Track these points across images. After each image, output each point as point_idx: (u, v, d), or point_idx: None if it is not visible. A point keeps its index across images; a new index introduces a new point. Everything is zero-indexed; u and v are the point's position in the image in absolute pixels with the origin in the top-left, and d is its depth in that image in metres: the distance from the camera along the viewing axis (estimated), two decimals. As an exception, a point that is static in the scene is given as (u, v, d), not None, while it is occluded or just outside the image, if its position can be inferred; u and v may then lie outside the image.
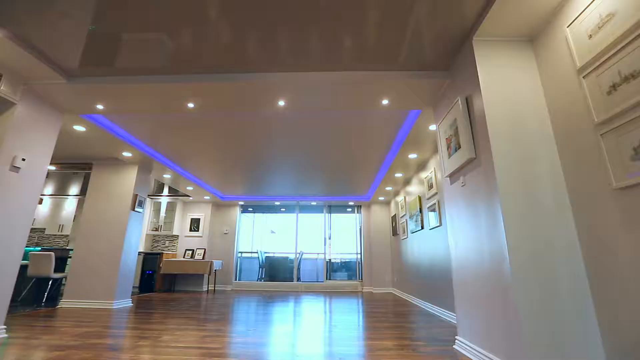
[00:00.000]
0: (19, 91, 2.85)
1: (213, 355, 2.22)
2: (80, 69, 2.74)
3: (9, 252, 2.78)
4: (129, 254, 4.73)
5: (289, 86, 2.81)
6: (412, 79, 2.71)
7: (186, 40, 2.39)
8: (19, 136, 2.86)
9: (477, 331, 2.18)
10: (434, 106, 3.07)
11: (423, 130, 3.70)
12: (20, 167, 2.86)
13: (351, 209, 8.37)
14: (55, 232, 7.11)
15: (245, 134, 4.04)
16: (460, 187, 2.47)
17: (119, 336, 2.73)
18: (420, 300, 4.93)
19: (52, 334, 2.76)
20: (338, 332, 3.00)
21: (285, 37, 2.36)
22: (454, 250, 2.59)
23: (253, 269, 8.37)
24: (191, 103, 3.10)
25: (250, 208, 8.48)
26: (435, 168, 4.26)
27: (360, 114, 3.50)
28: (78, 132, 3.86)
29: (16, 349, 2.30)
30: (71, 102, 3.12)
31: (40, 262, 4.63)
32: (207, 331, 2.97)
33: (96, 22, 2.21)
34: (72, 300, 4.40)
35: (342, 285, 7.58)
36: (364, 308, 4.65)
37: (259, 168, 5.41)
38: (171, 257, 7.31)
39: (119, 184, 4.86)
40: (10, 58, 2.54)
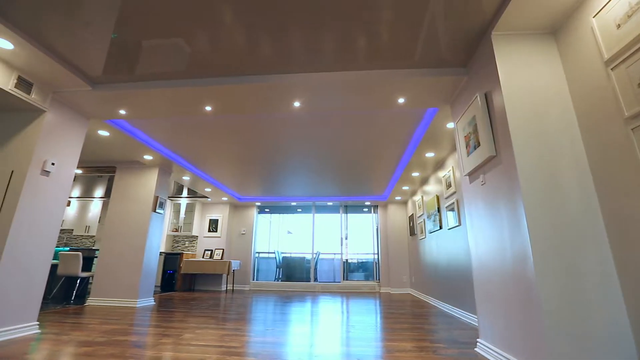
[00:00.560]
0: (48, 99, 2.99)
1: (233, 353, 2.25)
2: (103, 76, 2.85)
3: (40, 251, 2.92)
4: (150, 254, 4.88)
5: (304, 87, 2.82)
6: (428, 77, 2.66)
7: (202, 44, 2.44)
8: (49, 142, 3.00)
9: (500, 334, 2.12)
10: (451, 104, 3.01)
11: (440, 129, 3.63)
12: (50, 171, 3.00)
13: (367, 209, 8.32)
14: (82, 233, 7.43)
15: (261, 136, 4.08)
16: (480, 185, 2.41)
17: (143, 334, 2.82)
18: (439, 302, 4.84)
19: (80, 331, 2.88)
20: (356, 333, 2.98)
21: (298, 39, 2.37)
22: (474, 251, 2.53)
23: (270, 269, 8.45)
24: (208, 106, 3.17)
25: (267, 209, 8.57)
26: (454, 167, 4.17)
27: (375, 113, 3.47)
28: (102, 136, 4.02)
29: (48, 345, 2.42)
30: (96, 108, 3.25)
31: (69, 261, 4.85)
32: (226, 330, 3.02)
33: (117, 30, 2.29)
34: (98, 298, 4.58)
35: (359, 285, 7.54)
36: (381, 309, 4.61)
37: (275, 169, 5.46)
38: (191, 257, 7.49)
39: (141, 186, 5.02)
40: (40, 68, 2.67)
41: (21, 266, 2.75)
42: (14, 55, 2.52)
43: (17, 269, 2.71)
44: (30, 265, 2.83)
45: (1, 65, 2.58)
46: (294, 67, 2.71)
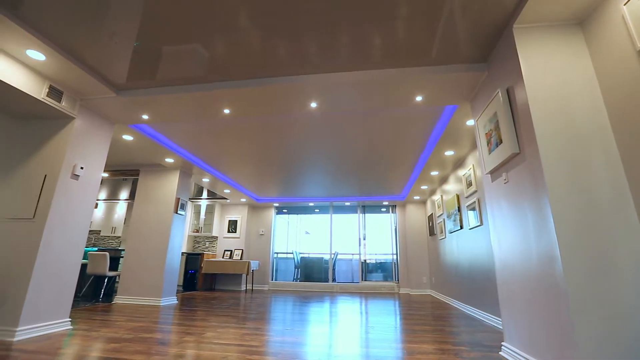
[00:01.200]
0: (76, 106, 3.14)
1: (253, 352, 2.29)
2: (127, 82, 2.96)
3: (72, 251, 3.06)
4: (173, 254, 5.02)
5: (320, 88, 2.83)
6: (446, 74, 2.61)
7: (220, 49, 2.49)
8: (78, 147, 3.15)
9: (526, 338, 2.04)
10: (471, 100, 2.94)
11: (460, 126, 3.55)
12: (79, 175, 3.15)
13: (385, 209, 8.23)
14: (109, 234, 7.74)
15: (278, 137, 4.12)
16: (502, 184, 2.34)
17: (167, 331, 2.91)
18: (460, 303, 4.72)
19: (108, 328, 3.00)
20: (375, 334, 2.96)
21: (313, 40, 2.38)
22: (497, 251, 2.45)
23: (289, 269, 8.51)
24: (227, 109, 3.23)
25: (285, 209, 8.64)
26: (474, 165, 4.06)
27: (392, 112, 3.43)
28: (126, 141, 4.18)
29: (79, 340, 2.53)
30: (120, 113, 3.39)
31: (97, 261, 5.06)
32: (246, 329, 3.07)
33: (140, 38, 2.38)
34: (125, 296, 4.76)
35: (377, 286, 7.47)
36: (401, 310, 4.55)
37: (293, 170, 5.50)
38: (211, 257, 7.65)
39: (163, 188, 5.18)
40: (69, 77, 2.80)
41: (54, 265, 2.89)
42: (45, 66, 2.66)
43: (51, 268, 2.86)
44: (63, 265, 2.97)
45: (34, 76, 2.73)
46: (310, 68, 2.72)
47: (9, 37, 2.33)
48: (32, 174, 2.99)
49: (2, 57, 2.49)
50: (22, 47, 2.43)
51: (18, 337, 2.55)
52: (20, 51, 2.48)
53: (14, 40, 2.35)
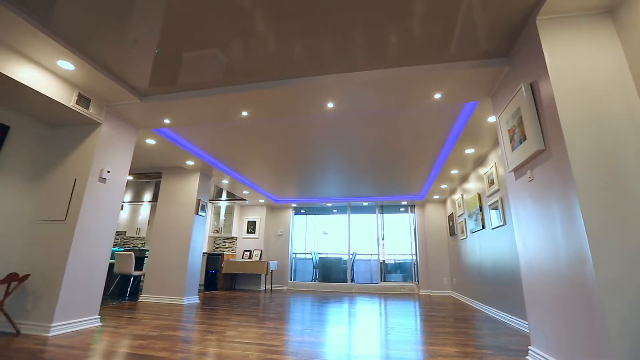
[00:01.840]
0: (103, 113, 3.28)
1: (273, 352, 2.31)
2: (150, 88, 3.06)
3: (100, 251, 3.20)
4: (194, 255, 5.15)
5: (337, 88, 2.83)
6: (466, 70, 2.55)
7: (237, 53, 2.54)
8: (104, 151, 3.28)
9: (555, 342, 1.96)
10: (492, 96, 2.85)
11: (481, 123, 3.45)
12: (106, 178, 3.28)
13: (404, 209, 8.12)
14: (134, 235, 8.03)
15: (296, 137, 4.15)
16: (527, 182, 2.25)
17: (190, 330, 2.98)
18: (483, 305, 4.59)
19: (135, 325, 3.11)
20: (395, 336, 2.92)
21: (329, 40, 2.38)
22: (522, 252, 2.37)
23: (307, 269, 8.54)
24: (245, 111, 3.28)
25: (303, 210, 8.68)
26: (496, 163, 3.94)
27: (410, 111, 3.38)
28: (149, 145, 4.32)
29: (108, 337, 2.64)
30: (144, 118, 3.51)
31: (123, 261, 5.27)
32: (266, 329, 3.11)
33: (160, 45, 2.45)
34: (149, 295, 4.93)
35: (397, 287, 7.38)
36: (421, 311, 4.47)
37: (310, 170, 5.52)
38: (231, 257, 7.79)
39: (184, 190, 5.32)
40: (96, 85, 2.93)
41: (85, 265, 3.03)
42: (74, 75, 2.80)
43: (81, 268, 2.99)
44: (92, 264, 3.11)
45: (64, 85, 2.88)
46: (326, 69, 2.72)
47: (42, 49, 2.46)
48: (63, 178, 3.15)
49: (36, 68, 2.64)
50: (53, 58, 2.56)
51: (53, 332, 2.69)
52: (52, 62, 2.62)
53: (47, 52, 2.49)
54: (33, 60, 2.61)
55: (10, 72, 2.47)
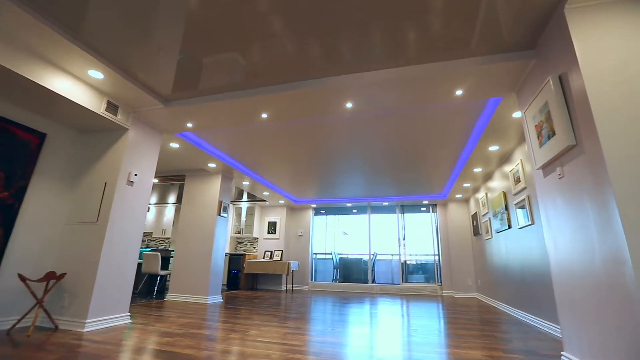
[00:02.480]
0: (130, 118, 3.42)
1: (295, 352, 2.32)
2: (173, 94, 3.16)
3: (129, 251, 3.34)
4: (217, 255, 5.27)
5: (355, 87, 2.81)
6: (488, 64, 2.47)
7: (256, 56, 2.58)
8: (132, 156, 3.42)
9: (590, 348, 1.86)
10: (517, 91, 2.75)
11: (505, 119, 3.33)
12: (133, 182, 3.42)
13: (425, 208, 7.96)
14: (159, 235, 8.32)
15: (315, 138, 4.17)
16: (557, 179, 2.15)
17: (214, 328, 3.06)
18: (510, 308, 4.42)
19: (162, 323, 3.22)
20: (418, 338, 2.87)
21: (346, 40, 2.37)
22: (552, 253, 2.26)
23: (328, 270, 8.55)
24: (264, 113, 3.33)
25: (323, 210, 8.69)
26: (522, 160, 3.79)
27: (431, 108, 3.32)
28: (173, 148, 4.47)
29: (138, 333, 2.75)
30: (167, 123, 3.63)
31: (150, 260, 5.47)
32: (288, 328, 3.13)
33: (182, 51, 2.53)
34: (175, 294, 5.09)
35: (419, 288, 7.24)
36: (445, 313, 4.36)
37: (330, 171, 5.52)
38: (252, 257, 7.92)
39: (207, 192, 5.46)
40: (123, 92, 3.07)
41: (115, 264, 3.17)
42: (103, 83, 2.94)
43: (112, 267, 3.14)
44: (122, 264, 3.25)
45: (94, 93, 3.02)
46: (344, 69, 2.71)
47: (74, 60, 2.60)
48: (94, 182, 3.31)
49: (69, 78, 2.79)
50: (84, 68, 2.70)
51: (87, 328, 2.83)
52: (84, 72, 2.76)
53: (79, 62, 2.63)
54: (66, 71, 2.76)
55: (47, 83, 2.62)
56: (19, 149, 2.95)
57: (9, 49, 2.37)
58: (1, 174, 2.81)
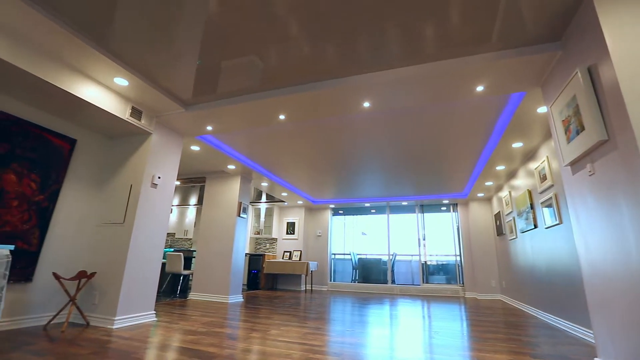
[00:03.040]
0: (153, 123, 3.54)
1: (315, 352, 2.33)
2: (193, 98, 3.25)
3: (154, 251, 3.45)
4: (237, 255, 5.36)
5: (372, 87, 2.79)
6: (511, 58, 2.39)
7: (273, 58, 2.61)
8: (155, 159, 3.54)
9: (626, 354, 1.76)
10: (542, 85, 2.64)
11: (529, 115, 3.21)
12: (157, 184, 3.54)
13: (446, 208, 7.79)
14: (182, 236, 8.55)
15: (332, 138, 4.17)
16: (587, 176, 2.05)
17: (235, 327, 3.11)
18: (537, 310, 4.25)
19: (186, 321, 3.31)
20: (440, 340, 2.81)
21: (362, 39, 2.36)
22: (583, 254, 2.16)
23: (347, 270, 8.52)
24: (282, 115, 3.36)
25: (341, 210, 8.67)
26: (549, 156, 3.64)
27: (450, 105, 3.24)
28: (194, 151, 4.58)
29: (163, 331, 2.84)
30: (188, 126, 3.73)
31: (173, 260, 5.63)
32: (308, 328, 3.14)
33: (201, 56, 2.60)
34: (198, 293, 5.22)
35: (440, 289, 7.09)
36: (468, 315, 4.25)
37: (348, 171, 5.50)
38: (272, 258, 8.00)
39: (226, 193, 5.57)
40: (147, 98, 3.18)
41: (141, 264, 3.29)
42: (128, 90, 3.06)
43: (138, 266, 3.25)
44: (147, 263, 3.37)
45: (120, 99, 3.15)
46: (361, 68, 2.70)
47: (101, 69, 2.72)
48: (121, 185, 3.45)
49: (96, 86, 2.92)
50: (110, 75, 2.82)
51: (116, 325, 2.95)
52: (110, 79, 2.88)
53: (105, 70, 2.75)
54: (94, 79, 2.89)
55: (76, 91, 2.75)
56: (53, 155, 3.12)
57: (43, 60, 2.51)
58: (37, 178, 2.98)
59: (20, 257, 2.82)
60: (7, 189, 2.77)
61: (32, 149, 2.96)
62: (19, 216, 2.83)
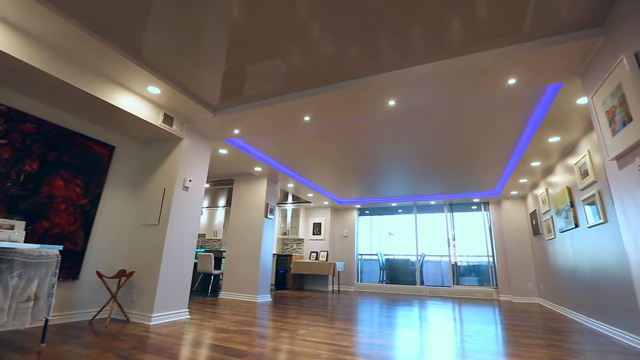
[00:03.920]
0: (184, 128, 3.69)
1: (344, 352, 2.32)
2: (220, 103, 3.35)
3: (186, 252, 3.60)
4: (266, 255, 5.46)
5: (397, 84, 2.75)
6: (545, 48, 2.26)
7: (297, 60, 2.63)
8: (186, 163, 3.69)
9: (686, 364, 1.61)
10: (581, 75, 2.48)
11: (567, 106, 3.02)
12: (188, 187, 3.68)
13: (476, 207, 7.50)
14: (212, 237, 8.84)
15: (357, 138, 4.14)
16: (636, 171, 1.90)
17: (265, 326, 3.17)
18: (580, 316, 3.98)
19: (217, 319, 3.42)
20: (473, 344, 2.70)
21: (385, 37, 2.32)
22: (633, 255, 2.00)
23: (374, 271, 8.42)
24: (306, 116, 3.38)
25: (367, 211, 8.59)
26: (590, 150, 3.40)
27: (480, 100, 3.12)
28: (222, 154, 4.73)
29: (196, 329, 2.95)
30: (216, 131, 3.85)
31: (204, 261, 5.83)
32: (335, 329, 3.14)
33: (227, 62, 2.67)
34: (228, 292, 5.37)
35: (472, 291, 6.84)
36: (502, 319, 4.06)
37: (373, 170, 5.45)
38: (299, 258, 8.08)
39: (254, 195, 5.69)
40: (178, 104, 3.32)
41: (175, 263, 3.44)
42: (160, 98, 3.21)
43: (172, 266, 3.40)
44: (181, 263, 3.51)
45: (153, 107, 3.31)
46: (385, 66, 2.66)
47: (136, 78, 2.88)
48: (155, 188, 3.62)
49: (131, 95, 3.09)
50: (144, 85, 2.98)
51: (153, 321, 3.10)
52: (144, 88, 3.04)
53: (140, 80, 2.90)
54: (129, 89, 3.07)
55: (114, 101, 2.93)
56: (95, 161, 3.33)
57: (85, 74, 2.70)
58: (81, 183, 3.20)
59: (67, 256, 3.04)
60: (55, 194, 2.99)
61: (76, 156, 3.18)
62: (66, 219, 3.05)
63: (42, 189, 2.90)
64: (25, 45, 2.33)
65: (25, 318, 2.15)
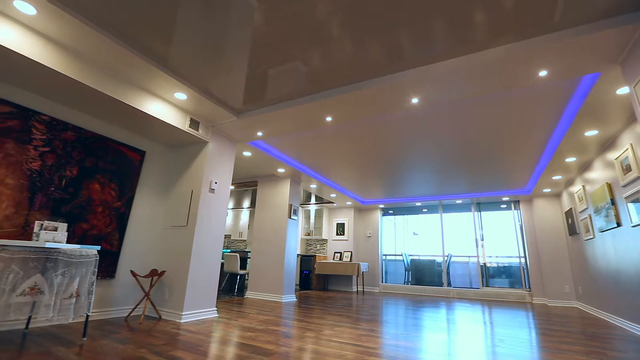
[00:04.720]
0: (209, 132, 3.81)
1: (370, 354, 2.30)
2: (243, 106, 3.43)
3: (213, 252, 3.71)
4: (290, 256, 5.52)
5: (420, 82, 2.69)
6: (579, 36, 2.13)
7: (317, 61, 2.64)
8: (212, 166, 3.80)
9: None
10: (622, 63, 2.32)
11: (606, 97, 2.83)
12: (214, 189, 3.79)
13: (506, 205, 7.20)
14: (237, 238, 9.05)
15: (380, 137, 4.10)
16: (685, 165, 1.75)
17: (290, 326, 3.20)
18: (623, 321, 3.72)
19: (244, 318, 3.49)
20: (505, 349, 2.59)
21: (405, 32, 2.28)
22: (683, 255, 1.84)
23: (399, 271, 8.29)
24: (328, 117, 3.39)
25: (391, 210, 8.47)
26: (633, 144, 3.17)
27: (508, 95, 3.00)
28: (246, 156, 4.83)
29: (224, 327, 3.03)
30: (240, 133, 3.95)
31: (230, 261, 5.98)
32: (361, 330, 3.12)
33: (249, 66, 2.73)
34: (253, 292, 5.47)
35: (503, 293, 6.56)
36: (537, 323, 3.87)
37: (397, 169, 5.37)
38: (322, 259, 8.09)
39: (277, 196, 5.77)
40: (203, 109, 3.43)
41: (203, 263, 3.55)
42: (187, 103, 3.33)
43: (201, 266, 3.52)
44: (209, 263, 3.62)
45: (180, 112, 3.44)
46: (407, 64, 2.62)
47: (164, 85, 3.01)
48: (183, 191, 3.76)
49: (160, 102, 3.23)
50: (171, 91, 3.10)
51: (183, 319, 3.22)
52: (171, 94, 3.17)
53: (167, 87, 3.03)
54: (158, 96, 3.21)
55: (144, 107, 3.08)
56: (128, 166, 3.51)
57: (117, 82, 2.85)
58: (116, 187, 3.38)
59: (104, 256, 3.22)
60: (93, 197, 3.18)
61: (111, 161, 3.37)
62: (103, 220, 3.24)
63: (81, 192, 3.09)
64: (68, 60, 2.50)
65: (68, 313, 2.30)
